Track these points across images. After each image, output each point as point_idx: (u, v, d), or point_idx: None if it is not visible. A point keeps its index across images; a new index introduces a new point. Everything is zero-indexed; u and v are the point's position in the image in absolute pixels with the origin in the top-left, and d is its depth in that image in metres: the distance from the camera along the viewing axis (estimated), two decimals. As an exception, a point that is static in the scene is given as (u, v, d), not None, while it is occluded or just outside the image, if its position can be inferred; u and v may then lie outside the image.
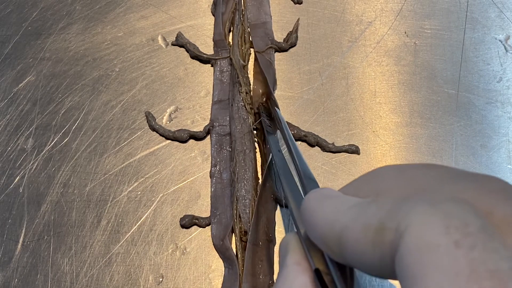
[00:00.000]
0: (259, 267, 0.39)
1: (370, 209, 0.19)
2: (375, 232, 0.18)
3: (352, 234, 0.19)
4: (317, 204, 0.21)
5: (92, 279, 0.40)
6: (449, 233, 0.16)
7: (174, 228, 0.41)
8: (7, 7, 0.49)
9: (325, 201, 0.21)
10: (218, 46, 0.47)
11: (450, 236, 0.16)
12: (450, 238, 0.15)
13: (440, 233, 0.16)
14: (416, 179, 0.21)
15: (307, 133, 0.43)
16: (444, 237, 0.16)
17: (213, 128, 0.44)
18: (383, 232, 0.17)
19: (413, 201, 0.17)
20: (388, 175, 0.22)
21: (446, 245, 0.15)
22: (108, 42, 0.48)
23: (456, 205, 0.17)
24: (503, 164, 0.43)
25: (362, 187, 0.23)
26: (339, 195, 0.22)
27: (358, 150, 0.43)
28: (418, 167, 0.22)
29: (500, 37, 0.48)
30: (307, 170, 0.29)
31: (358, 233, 0.18)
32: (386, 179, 0.22)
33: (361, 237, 0.18)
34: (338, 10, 0.49)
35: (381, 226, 0.18)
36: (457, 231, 0.16)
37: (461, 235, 0.15)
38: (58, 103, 0.45)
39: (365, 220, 0.18)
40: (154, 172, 0.43)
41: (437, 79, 0.46)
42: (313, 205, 0.22)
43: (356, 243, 0.19)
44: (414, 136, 0.44)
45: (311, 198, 0.22)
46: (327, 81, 0.46)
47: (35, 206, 0.42)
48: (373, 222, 0.18)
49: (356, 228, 0.19)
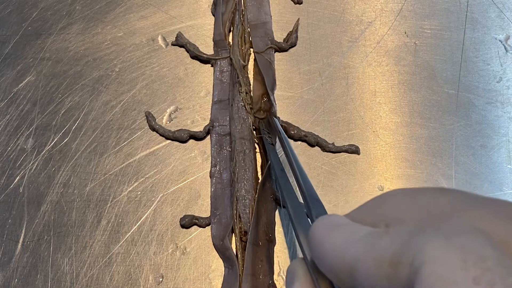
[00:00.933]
0: (259, 267, 0.39)
1: (382, 241, 0.18)
2: (389, 266, 0.17)
3: (365, 267, 0.18)
4: (326, 234, 0.21)
5: (92, 279, 0.40)
6: (467, 268, 0.15)
7: (174, 228, 0.41)
8: (7, 7, 0.49)
9: (334, 230, 0.21)
10: (218, 46, 0.47)
11: (468, 272, 0.15)
12: (468, 274, 0.15)
13: (457, 269, 0.15)
14: (428, 206, 0.20)
15: (307, 133, 0.43)
16: (462, 273, 0.15)
17: (213, 128, 0.44)
18: (398, 266, 0.17)
19: (428, 234, 0.17)
20: (398, 201, 0.21)
21: (464, 282, 0.15)
22: (108, 42, 0.48)
23: (472, 236, 0.16)
24: (503, 164, 0.43)
25: (371, 213, 0.22)
26: (348, 224, 0.21)
27: (358, 150, 0.43)
28: (429, 192, 0.21)
29: (500, 37, 0.48)
30: (311, 191, 0.29)
31: (371, 266, 0.18)
32: (397, 205, 0.21)
33: (374, 271, 0.18)
34: (338, 10, 0.49)
35: (396, 260, 0.17)
36: (475, 266, 0.15)
37: (479, 271, 0.15)
38: (58, 103, 0.45)
39: (378, 253, 0.18)
40: (154, 172, 0.43)
41: (437, 79, 0.46)
42: (321, 234, 0.21)
43: (369, 276, 0.18)
44: (414, 136, 0.44)
45: (319, 227, 0.21)
46: (327, 81, 0.46)
47: (35, 206, 0.42)
48: (386, 256, 0.18)
49: (369, 261, 0.18)
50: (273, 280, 0.39)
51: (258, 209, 0.40)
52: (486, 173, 0.43)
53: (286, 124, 0.44)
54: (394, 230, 0.19)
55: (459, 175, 0.43)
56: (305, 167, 0.43)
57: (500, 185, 0.42)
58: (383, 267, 0.17)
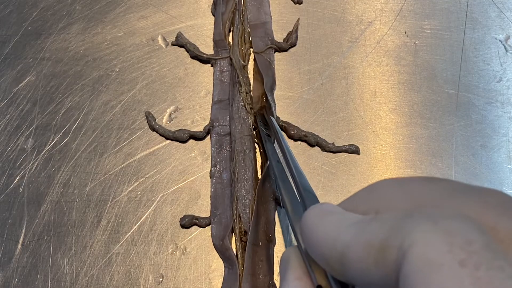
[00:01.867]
0: (259, 267, 0.39)
1: (372, 226, 0.18)
2: (378, 251, 0.17)
3: (354, 252, 0.18)
4: (317, 221, 0.21)
5: (92, 279, 0.40)
6: (453, 251, 0.15)
7: (174, 228, 0.41)
8: (7, 7, 0.49)
9: (325, 218, 0.21)
10: (218, 46, 0.47)
11: (454, 255, 0.15)
12: (454, 257, 0.15)
13: (444, 252, 0.16)
14: (417, 194, 0.21)
15: (307, 133, 0.43)
16: (448, 256, 0.15)
17: (213, 128, 0.44)
18: (386, 250, 0.17)
19: (416, 218, 0.17)
20: (388, 189, 0.22)
21: (450, 264, 0.15)
22: (108, 42, 0.48)
23: (459, 221, 0.17)
24: (503, 164, 0.43)
25: (361, 202, 0.22)
26: (339, 212, 0.21)
27: (358, 150, 0.43)
28: (418, 181, 0.21)
29: (500, 37, 0.48)
30: (305, 183, 0.29)
31: (360, 251, 0.18)
32: (386, 193, 0.21)
33: (363, 256, 0.18)
34: (338, 10, 0.49)
35: (384, 244, 0.17)
36: (461, 249, 0.15)
37: (465, 254, 0.15)
38: (58, 103, 0.45)
39: (367, 238, 0.18)
40: (154, 172, 0.43)
41: (437, 79, 0.46)
42: (313, 222, 0.21)
43: (358, 261, 0.18)
44: (414, 136, 0.44)
45: (311, 214, 0.22)
46: (327, 81, 0.46)
47: (35, 206, 0.42)
48: (375, 240, 0.18)
49: (358, 247, 0.18)
50: (273, 280, 0.39)
51: (258, 209, 0.40)
52: (486, 173, 0.43)
53: (286, 124, 0.44)
54: (383, 216, 0.19)
55: (459, 175, 0.43)
56: (305, 167, 0.43)
57: (500, 185, 0.42)
58: (372, 252, 0.18)
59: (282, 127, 0.44)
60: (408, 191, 0.21)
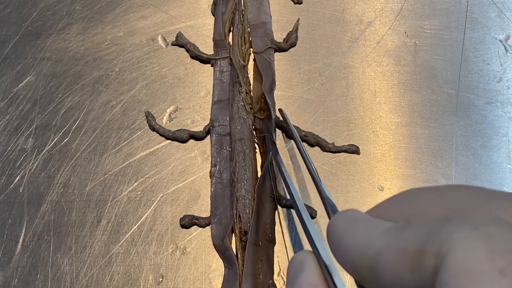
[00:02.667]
0: (259, 267, 0.39)
1: (406, 233, 0.18)
2: (413, 257, 0.17)
3: (388, 259, 0.18)
4: (346, 228, 0.20)
5: (92, 279, 0.40)
6: (494, 259, 0.15)
7: (174, 228, 0.41)
8: (7, 7, 0.49)
9: (355, 224, 0.20)
10: (218, 46, 0.47)
11: (495, 263, 0.15)
12: (495, 266, 0.15)
13: (484, 260, 0.15)
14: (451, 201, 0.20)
15: (307, 133, 0.43)
16: (489, 264, 0.15)
17: (213, 128, 0.44)
18: (423, 256, 0.17)
19: (454, 224, 0.17)
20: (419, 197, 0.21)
21: (490, 273, 0.15)
22: (108, 42, 0.48)
23: (500, 227, 0.16)
24: (503, 164, 0.43)
25: (391, 209, 0.22)
26: (369, 219, 0.21)
27: (358, 150, 0.43)
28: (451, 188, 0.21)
29: (500, 37, 0.48)
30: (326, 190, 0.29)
31: (394, 258, 0.18)
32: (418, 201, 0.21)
33: (397, 263, 0.17)
34: (338, 10, 0.49)
35: (420, 250, 0.17)
36: (502, 257, 0.15)
37: (506, 262, 0.15)
38: (58, 103, 0.45)
39: (402, 245, 0.18)
40: (154, 172, 0.43)
41: (437, 79, 0.46)
42: (341, 228, 0.21)
43: (392, 268, 0.18)
44: (414, 136, 0.44)
45: (340, 220, 0.21)
46: (327, 81, 0.46)
47: (35, 206, 0.42)
48: (411, 247, 0.17)
49: (392, 254, 0.18)
50: (273, 280, 0.39)
51: (258, 209, 0.40)
52: (486, 173, 0.43)
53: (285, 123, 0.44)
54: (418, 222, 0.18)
55: (459, 175, 0.43)
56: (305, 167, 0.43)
57: (500, 185, 0.42)
58: (407, 259, 0.17)
59: (281, 127, 0.44)
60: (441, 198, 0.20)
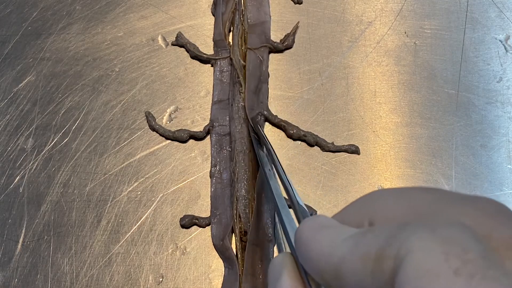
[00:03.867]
0: (259, 267, 0.39)
1: (367, 238, 0.18)
2: (374, 262, 0.17)
3: (350, 265, 0.18)
4: (312, 236, 0.21)
5: (92, 279, 0.40)
6: (449, 260, 0.15)
7: (174, 228, 0.41)
8: (7, 7, 0.49)
9: (320, 232, 0.21)
10: (218, 46, 0.47)
11: (450, 263, 0.15)
12: (450, 266, 0.15)
13: (439, 261, 0.15)
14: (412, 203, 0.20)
15: (306, 133, 0.43)
16: (444, 265, 0.15)
17: (213, 128, 0.44)
18: (383, 260, 0.17)
19: (412, 227, 0.17)
20: (382, 199, 0.21)
21: (445, 273, 0.15)
22: (108, 42, 0.48)
23: (456, 229, 0.16)
24: (503, 164, 0.43)
25: (355, 213, 0.22)
26: (333, 225, 0.21)
27: (358, 150, 0.43)
28: (413, 191, 0.21)
29: (500, 37, 0.48)
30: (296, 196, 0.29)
31: (356, 264, 0.18)
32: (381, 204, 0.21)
33: (359, 268, 0.18)
34: (338, 10, 0.49)
35: (380, 254, 0.17)
36: (456, 258, 0.15)
37: (460, 263, 0.15)
38: (58, 103, 0.45)
39: (363, 250, 0.18)
40: (154, 172, 0.43)
41: (437, 79, 0.46)
42: (307, 236, 0.21)
43: (354, 274, 0.18)
44: (414, 136, 0.44)
45: (305, 228, 0.21)
46: (327, 81, 0.46)
47: (35, 206, 0.42)
48: (371, 252, 0.18)
49: (354, 260, 0.18)
50: (273, 280, 0.39)
51: (258, 209, 0.40)
52: (486, 173, 0.43)
53: (285, 123, 0.44)
54: (379, 227, 0.19)
55: (459, 175, 0.43)
56: (305, 167, 0.43)
57: (500, 185, 0.42)
58: (368, 264, 0.17)
59: (281, 126, 0.44)
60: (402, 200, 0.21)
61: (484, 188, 0.42)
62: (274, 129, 0.44)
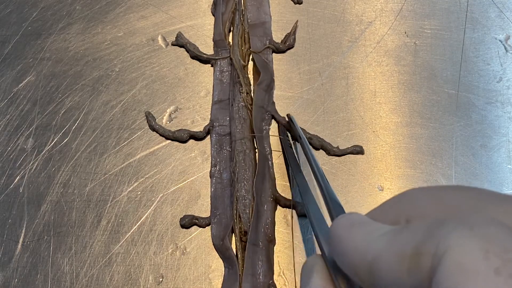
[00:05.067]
0: (259, 267, 0.39)
1: (404, 235, 0.18)
2: (410, 258, 0.17)
3: (386, 262, 0.18)
4: (346, 232, 0.21)
5: (92, 279, 0.40)
6: (489, 258, 0.15)
7: (174, 228, 0.41)
8: (7, 7, 0.49)
9: (354, 228, 0.21)
10: (218, 46, 0.47)
11: (490, 262, 0.15)
12: (490, 265, 0.15)
13: (479, 259, 0.15)
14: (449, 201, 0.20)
15: (312, 136, 0.43)
16: (484, 263, 0.15)
17: (213, 128, 0.44)
18: (420, 257, 0.17)
19: (451, 224, 0.17)
20: (418, 198, 0.21)
21: (485, 272, 0.15)
22: (108, 42, 0.48)
23: (495, 228, 0.16)
24: (503, 164, 0.43)
25: (391, 211, 0.22)
26: (368, 222, 0.21)
27: (362, 150, 0.43)
28: (450, 189, 0.21)
29: (500, 37, 0.48)
30: (332, 193, 0.29)
31: (392, 261, 0.18)
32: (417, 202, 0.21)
33: (395, 265, 0.18)
34: (338, 10, 0.49)
35: (417, 251, 0.17)
36: (497, 257, 0.15)
37: (501, 262, 0.15)
38: (58, 103, 0.45)
39: (399, 247, 0.18)
40: (154, 172, 0.43)
41: (437, 79, 0.46)
42: (341, 232, 0.21)
43: (390, 271, 0.18)
44: (414, 136, 0.44)
45: (340, 225, 0.21)
46: (327, 81, 0.46)
47: (35, 206, 0.42)
48: (408, 249, 0.17)
49: (390, 256, 0.18)
50: (273, 280, 0.39)
51: (258, 209, 0.40)
52: (486, 173, 0.43)
53: None
54: (415, 224, 0.19)
55: (459, 175, 0.43)
56: (305, 167, 0.43)
57: (500, 185, 0.42)
58: (404, 260, 0.17)
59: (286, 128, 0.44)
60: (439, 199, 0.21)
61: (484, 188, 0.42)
62: (274, 128, 0.44)
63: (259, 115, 0.44)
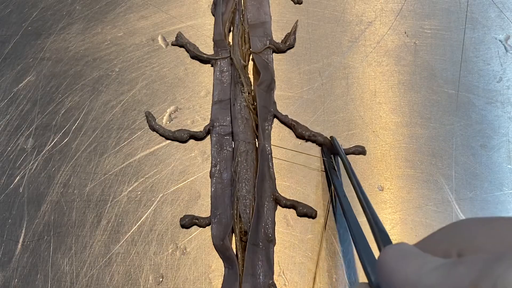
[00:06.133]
0: (259, 267, 0.39)
1: (458, 269, 0.18)
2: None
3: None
4: (397, 263, 0.21)
5: (92, 279, 0.40)
6: None
7: (174, 228, 0.41)
8: (7, 7, 0.49)
9: (405, 260, 0.20)
10: (218, 46, 0.47)
11: None
12: None
13: None
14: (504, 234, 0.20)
15: (316, 134, 0.43)
16: None
17: (213, 128, 0.44)
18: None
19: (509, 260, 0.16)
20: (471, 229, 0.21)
21: None
22: (108, 42, 0.48)
23: None
24: (503, 164, 0.43)
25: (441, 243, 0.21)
26: (419, 254, 0.21)
27: (364, 150, 0.43)
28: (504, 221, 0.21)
29: (500, 37, 0.48)
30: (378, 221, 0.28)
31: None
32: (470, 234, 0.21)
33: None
34: (338, 10, 0.49)
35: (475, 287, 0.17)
36: None
37: None
38: (58, 103, 0.45)
39: (455, 282, 0.17)
40: (154, 172, 0.43)
41: (437, 79, 0.46)
42: (392, 263, 0.21)
43: None
44: (414, 136, 0.44)
45: (389, 255, 0.21)
46: (327, 81, 0.46)
47: (35, 206, 0.42)
48: (464, 284, 0.17)
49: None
50: (273, 280, 0.39)
51: (258, 209, 0.40)
52: (486, 173, 0.43)
53: (294, 123, 0.44)
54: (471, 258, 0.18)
55: (459, 175, 0.43)
56: (305, 167, 0.43)
57: (500, 185, 0.42)
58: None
59: (291, 125, 0.44)
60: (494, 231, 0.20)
61: (484, 188, 0.42)
62: (274, 129, 0.44)
63: (263, 115, 0.44)
